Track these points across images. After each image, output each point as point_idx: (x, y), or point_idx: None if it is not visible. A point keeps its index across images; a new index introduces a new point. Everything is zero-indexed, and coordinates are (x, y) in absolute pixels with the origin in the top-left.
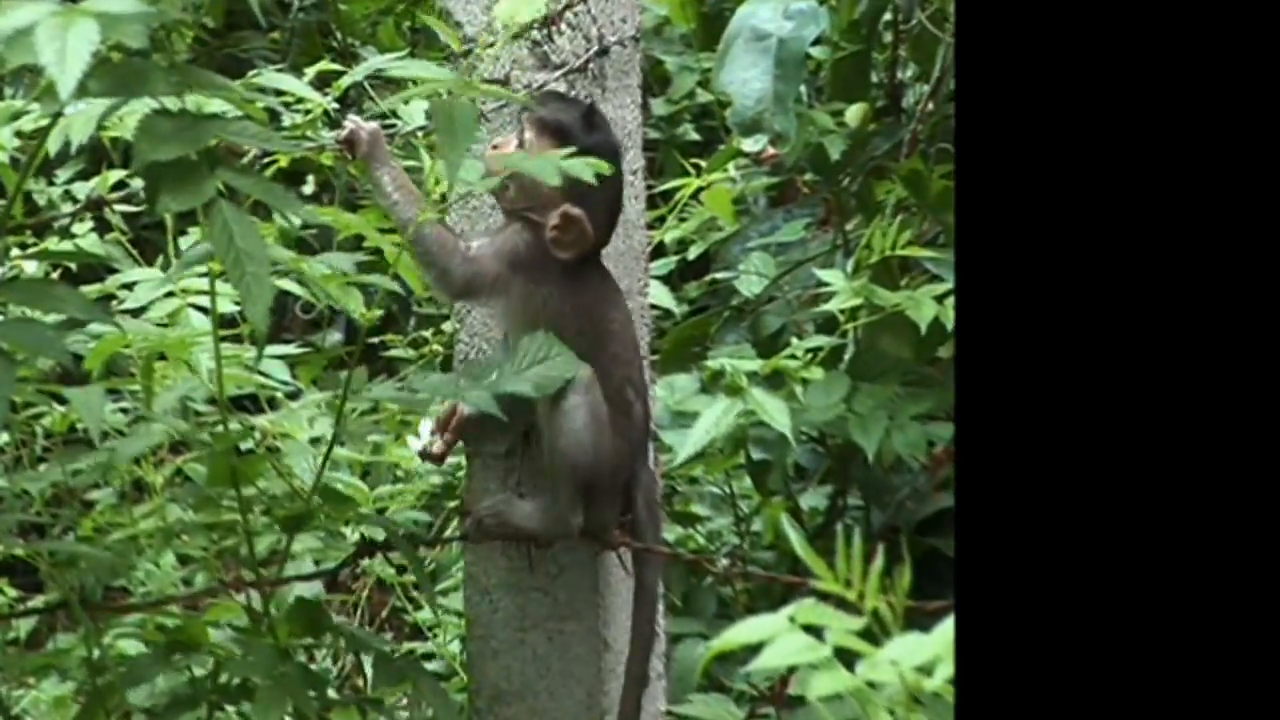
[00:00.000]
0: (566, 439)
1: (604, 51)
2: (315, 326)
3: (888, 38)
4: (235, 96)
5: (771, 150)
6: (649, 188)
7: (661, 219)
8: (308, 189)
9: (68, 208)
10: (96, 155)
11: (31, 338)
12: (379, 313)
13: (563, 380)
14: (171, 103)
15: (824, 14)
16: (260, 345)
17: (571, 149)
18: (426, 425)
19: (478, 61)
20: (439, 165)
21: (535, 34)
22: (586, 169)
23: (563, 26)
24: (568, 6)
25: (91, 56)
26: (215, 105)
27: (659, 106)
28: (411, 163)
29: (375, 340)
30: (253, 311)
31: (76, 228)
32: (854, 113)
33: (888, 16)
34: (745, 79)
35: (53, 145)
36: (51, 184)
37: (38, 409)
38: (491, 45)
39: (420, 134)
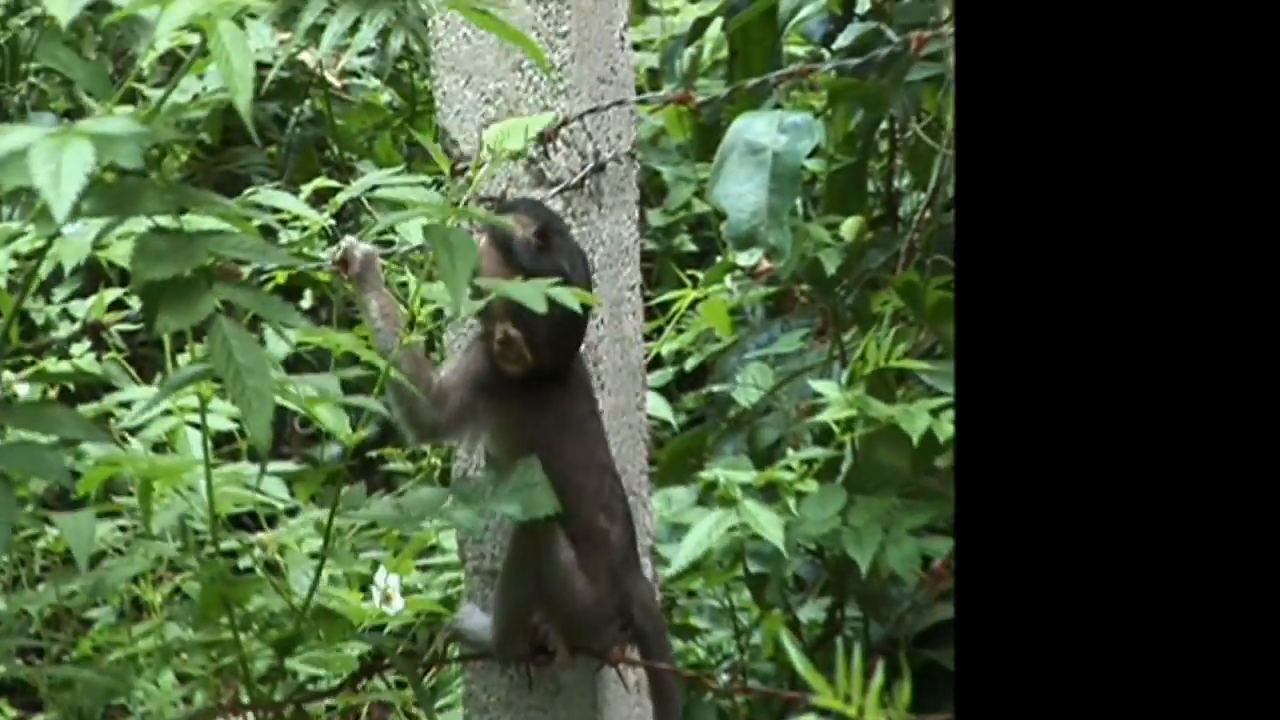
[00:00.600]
0: (510, 577)
1: (600, 168)
2: (314, 441)
3: (884, 147)
4: (230, 214)
5: (767, 264)
6: (645, 299)
7: (659, 330)
8: (305, 304)
9: (65, 326)
10: (94, 273)
11: (30, 460)
12: (366, 433)
13: (547, 510)
14: (167, 221)
15: (819, 127)
16: (263, 461)
17: (517, 268)
18: (393, 581)
19: (471, 179)
20: (426, 287)
21: (531, 151)
22: (534, 296)
23: (558, 143)
24: (564, 123)
25: (86, 178)
26: (210, 223)
27: (655, 217)
28: (409, 278)
29: (373, 454)
30: (254, 427)
31: (74, 347)
32: (849, 226)
33: (884, 126)
34: (740, 193)
35: (47, 269)
36: (49, 303)
37: (35, 529)
38: (483, 165)
39: (419, 252)
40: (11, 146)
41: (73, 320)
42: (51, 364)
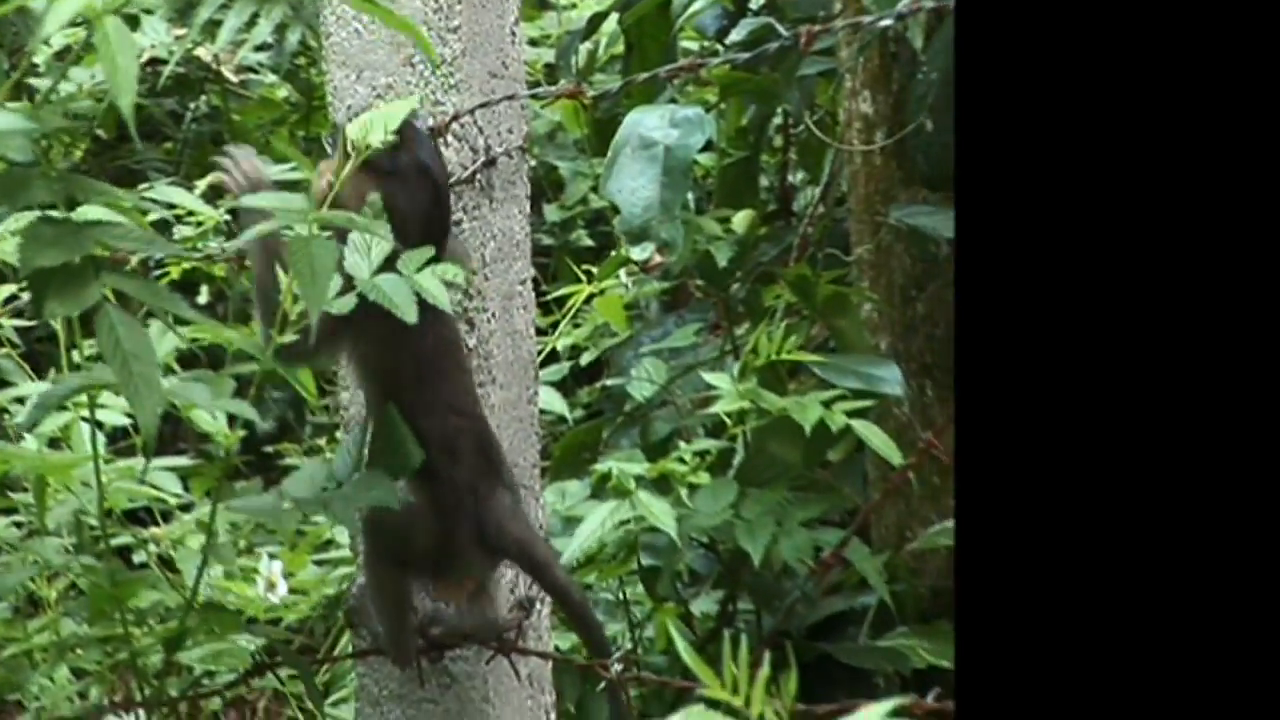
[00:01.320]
0: (367, 547)
1: (491, 163)
2: (208, 437)
3: (778, 141)
4: (120, 204)
5: (659, 258)
6: (541, 294)
7: (555, 325)
8: (201, 299)
9: None
10: None
11: None
12: (240, 436)
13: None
14: (56, 211)
15: (710, 121)
16: (148, 452)
17: (377, 170)
18: (276, 566)
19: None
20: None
21: None
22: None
23: (449, 138)
24: (455, 118)
25: None
26: (100, 213)
27: (552, 213)
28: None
29: (270, 449)
30: (142, 415)
31: None
32: (741, 219)
33: (778, 121)
34: (632, 187)
35: None
36: None
37: None
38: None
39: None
40: None
41: None
42: None
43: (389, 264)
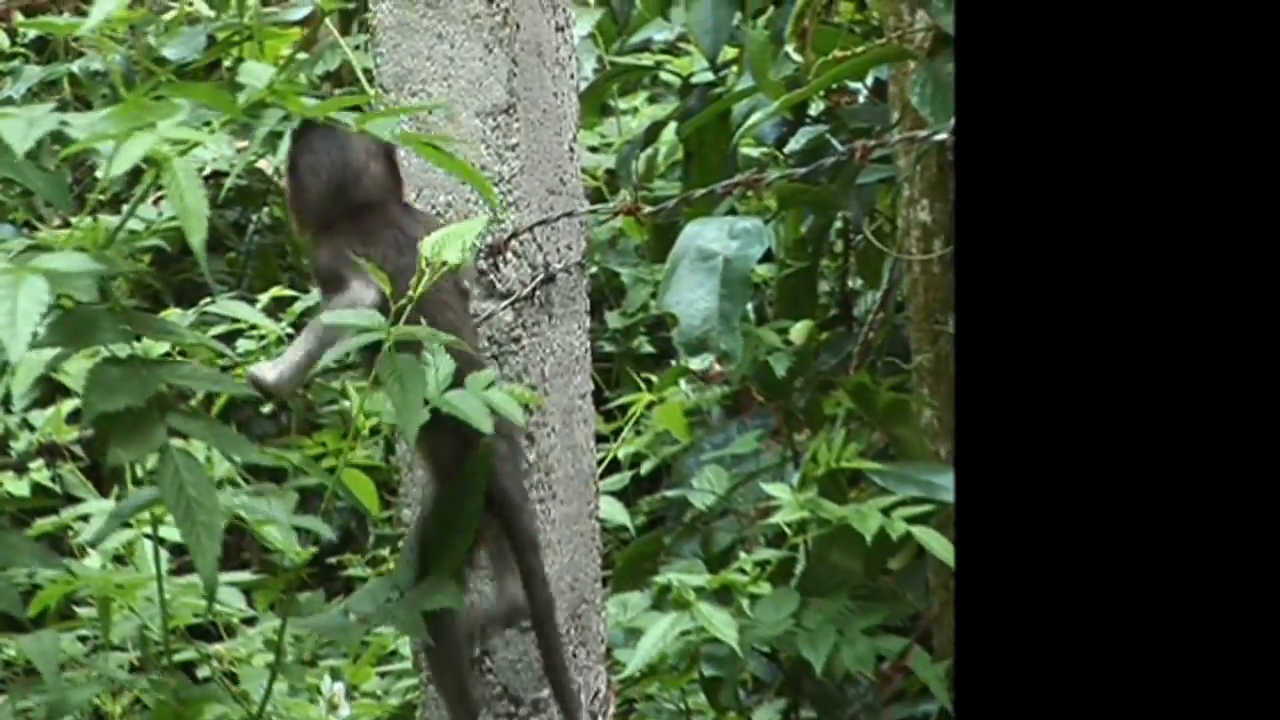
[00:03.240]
0: None
1: (550, 279)
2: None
3: (839, 247)
4: (184, 342)
5: (718, 368)
6: (603, 400)
7: (617, 432)
8: (266, 408)
9: (25, 436)
10: (53, 381)
11: None
12: (312, 552)
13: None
14: (120, 350)
15: (769, 232)
16: (210, 594)
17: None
18: (339, 687)
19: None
20: (369, 400)
21: (481, 263)
22: None
23: (508, 255)
24: (514, 235)
25: (42, 316)
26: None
27: (613, 319)
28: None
29: (333, 561)
30: (202, 563)
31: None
32: (799, 330)
33: (838, 226)
34: (691, 299)
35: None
36: (8, 412)
37: None
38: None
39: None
40: None
41: (31, 429)
42: (9, 481)
43: None
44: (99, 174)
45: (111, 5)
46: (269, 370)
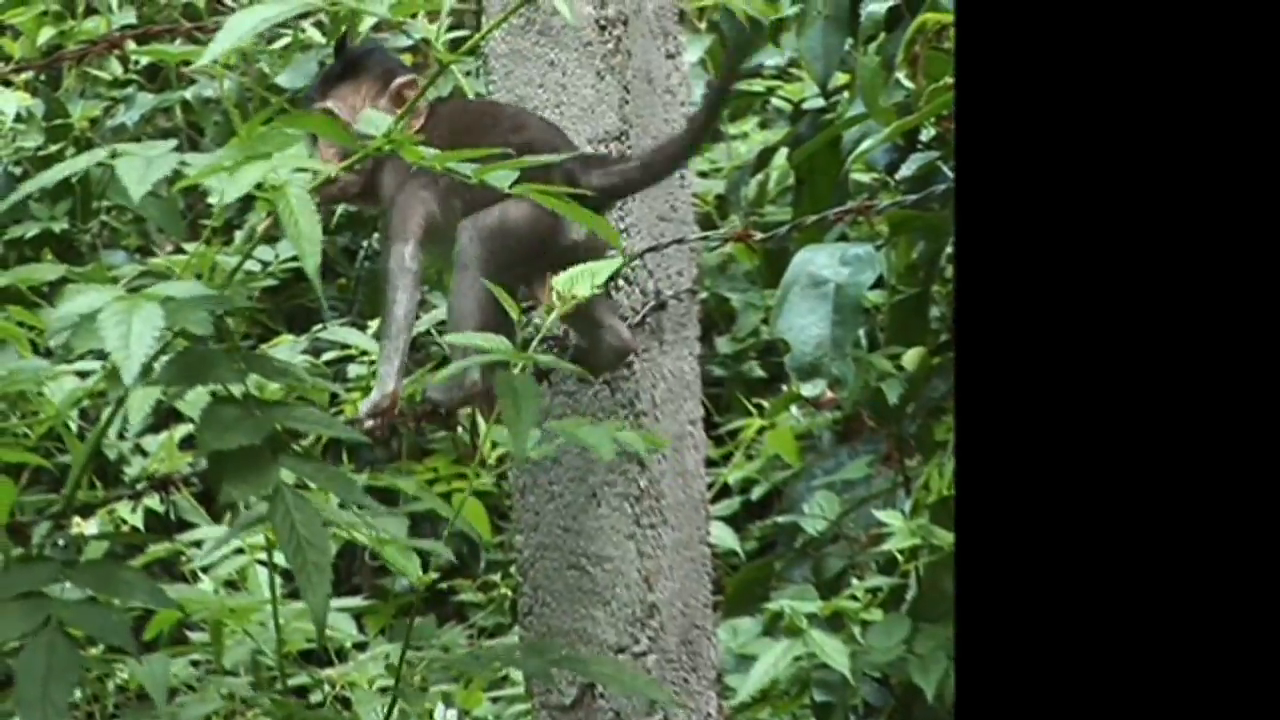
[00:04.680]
0: None
1: (661, 306)
2: (384, 572)
3: (950, 272)
4: (299, 383)
5: (830, 395)
6: (713, 425)
7: (727, 457)
8: None
9: (137, 461)
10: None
11: (95, 621)
12: (435, 575)
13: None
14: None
15: (881, 259)
16: (320, 627)
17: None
18: (451, 715)
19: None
20: (495, 430)
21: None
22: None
23: (619, 281)
24: (625, 262)
25: (156, 342)
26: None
27: (724, 344)
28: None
29: (444, 586)
30: (312, 600)
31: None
32: (911, 356)
33: (950, 251)
34: (803, 325)
35: (114, 428)
36: (121, 437)
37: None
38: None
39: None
40: (82, 310)
41: (144, 455)
42: (124, 509)
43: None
44: (212, 199)
45: (232, 39)
46: (373, 396)
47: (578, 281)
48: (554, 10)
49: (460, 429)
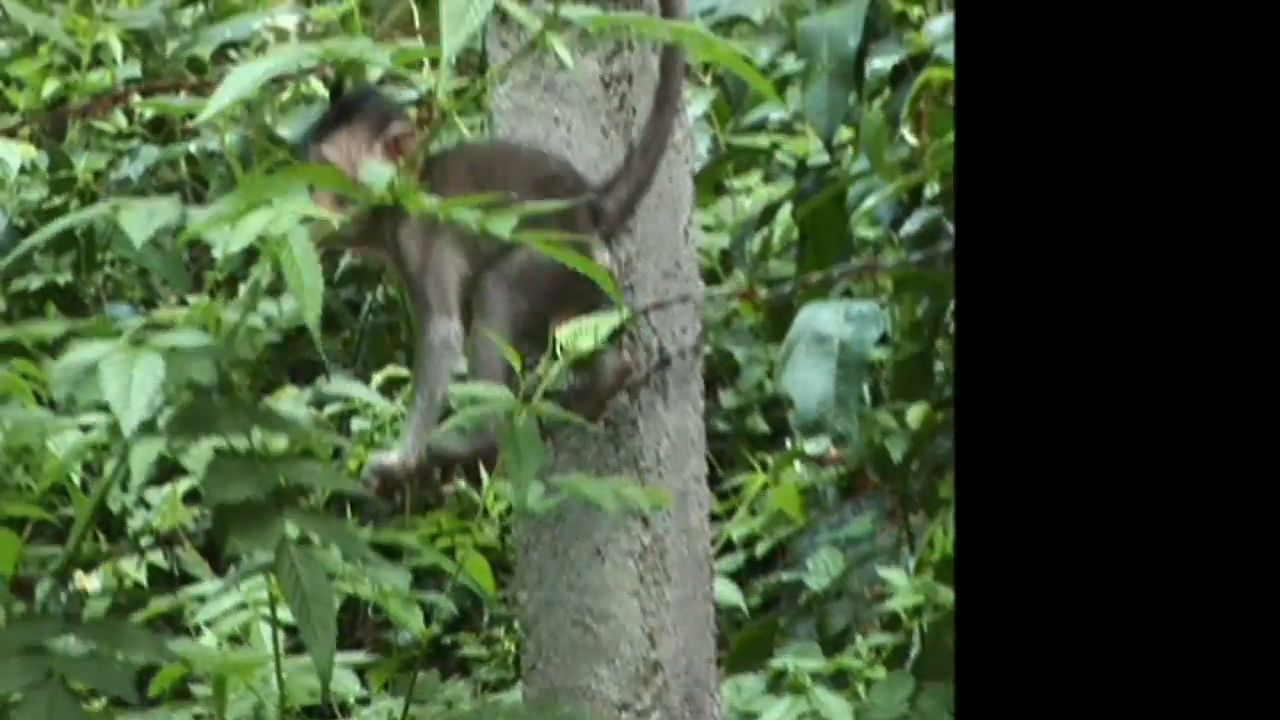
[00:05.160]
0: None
1: (665, 363)
2: (386, 626)
3: (954, 329)
4: (303, 436)
5: (834, 452)
6: (717, 480)
7: (730, 512)
8: None
9: (140, 514)
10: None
11: (98, 674)
12: (438, 630)
13: None
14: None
15: (885, 316)
16: (325, 679)
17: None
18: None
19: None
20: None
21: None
22: None
23: (624, 338)
24: (629, 319)
25: (157, 392)
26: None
27: (728, 399)
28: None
29: (448, 640)
30: (317, 655)
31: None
32: (915, 414)
33: (953, 307)
34: (807, 381)
35: (119, 477)
36: (124, 489)
37: None
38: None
39: None
40: (83, 361)
41: (147, 508)
42: (126, 564)
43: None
44: (216, 252)
45: (235, 92)
46: (392, 457)
47: (582, 335)
48: (559, 66)
49: (461, 483)
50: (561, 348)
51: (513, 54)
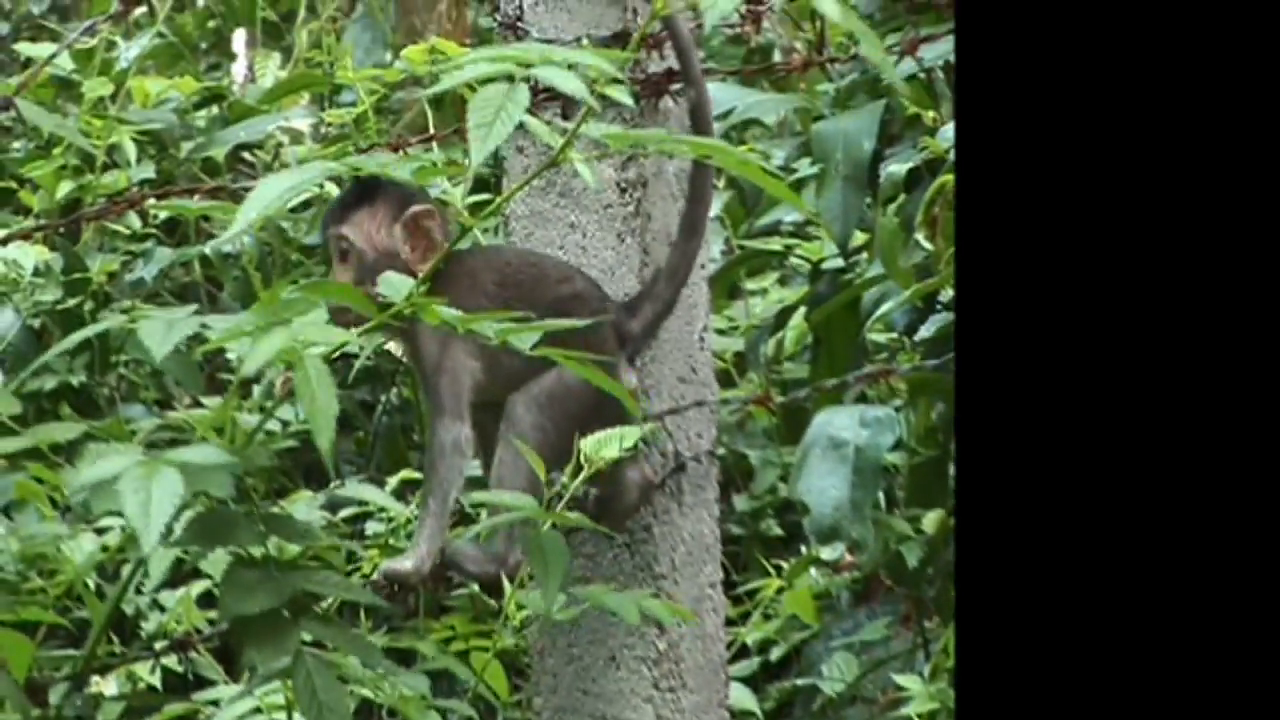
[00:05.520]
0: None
1: (681, 468)
2: None
3: None
4: (320, 545)
5: (850, 558)
6: (731, 584)
7: (745, 616)
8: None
9: (155, 616)
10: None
11: None
12: None
13: None
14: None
15: (900, 421)
16: None
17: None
18: None
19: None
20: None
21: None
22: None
23: (640, 443)
24: (651, 426)
25: (175, 506)
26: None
27: (741, 502)
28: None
29: None
30: None
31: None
32: (931, 520)
33: None
34: (822, 488)
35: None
36: (139, 592)
37: None
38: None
39: None
40: (101, 475)
41: (161, 610)
42: (140, 669)
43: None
44: (230, 353)
45: (260, 207)
46: (405, 562)
47: (606, 445)
48: (575, 172)
49: (475, 586)
50: (586, 458)
51: (529, 159)
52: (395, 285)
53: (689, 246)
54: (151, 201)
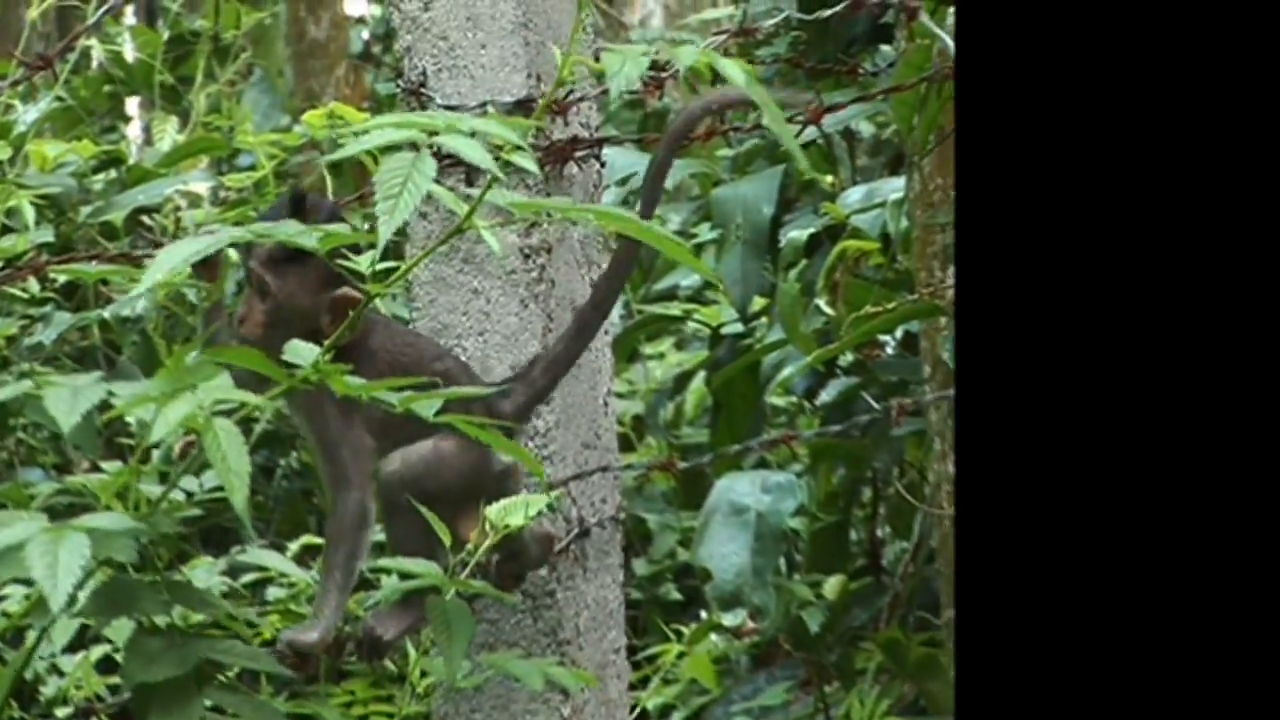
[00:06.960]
0: None
1: (585, 533)
2: None
3: (868, 496)
4: (222, 612)
5: (751, 624)
6: (630, 649)
7: (644, 680)
8: None
9: (54, 681)
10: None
11: None
12: None
13: None
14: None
15: (802, 486)
16: None
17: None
18: None
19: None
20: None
21: None
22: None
23: (544, 509)
24: (549, 489)
25: (82, 571)
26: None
27: (640, 566)
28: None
29: None
30: None
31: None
32: (832, 585)
33: (869, 475)
34: (724, 554)
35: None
36: (40, 657)
37: None
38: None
39: None
40: (8, 541)
41: (60, 674)
42: None
43: None
44: (129, 419)
45: (162, 272)
46: (310, 633)
47: (511, 512)
48: (479, 238)
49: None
50: (491, 524)
51: (432, 224)
52: (302, 353)
53: (575, 345)
54: (51, 266)
